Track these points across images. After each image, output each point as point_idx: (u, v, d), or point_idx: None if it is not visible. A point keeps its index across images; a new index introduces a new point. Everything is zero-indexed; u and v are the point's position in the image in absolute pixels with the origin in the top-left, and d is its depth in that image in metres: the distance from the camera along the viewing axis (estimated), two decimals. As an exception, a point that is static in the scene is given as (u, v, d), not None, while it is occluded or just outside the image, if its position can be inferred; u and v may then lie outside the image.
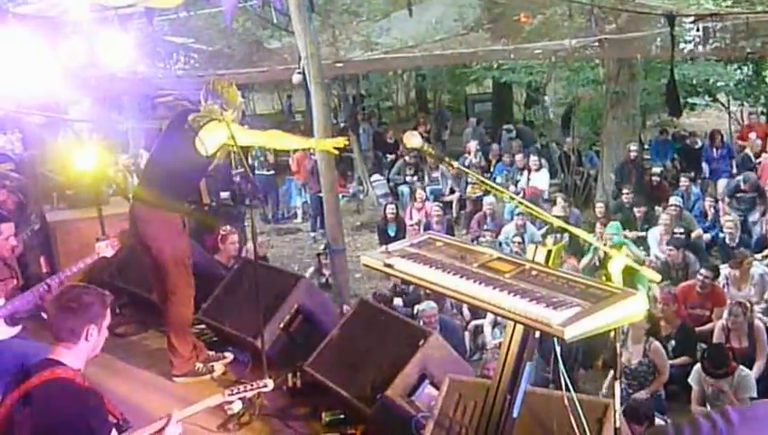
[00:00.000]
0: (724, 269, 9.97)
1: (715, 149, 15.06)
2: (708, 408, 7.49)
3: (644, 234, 12.18)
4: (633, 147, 14.49)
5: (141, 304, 6.69)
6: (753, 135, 14.60)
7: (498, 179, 15.52)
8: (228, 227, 8.39)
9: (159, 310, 5.52)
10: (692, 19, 10.43)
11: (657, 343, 8.21)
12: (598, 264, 10.21)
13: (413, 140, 3.46)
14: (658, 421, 6.78)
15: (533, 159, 15.27)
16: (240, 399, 3.85)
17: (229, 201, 11.76)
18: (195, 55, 12.27)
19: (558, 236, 11.08)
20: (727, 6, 10.51)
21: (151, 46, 11.05)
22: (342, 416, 4.79)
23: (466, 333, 9.53)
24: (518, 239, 11.34)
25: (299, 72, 8.07)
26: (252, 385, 3.77)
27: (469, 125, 20.16)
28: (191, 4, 10.49)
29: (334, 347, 5.10)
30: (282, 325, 5.54)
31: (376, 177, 16.38)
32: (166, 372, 5.46)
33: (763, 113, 19.11)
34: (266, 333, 5.12)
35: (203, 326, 6.14)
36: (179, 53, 12.02)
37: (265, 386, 3.80)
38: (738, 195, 12.70)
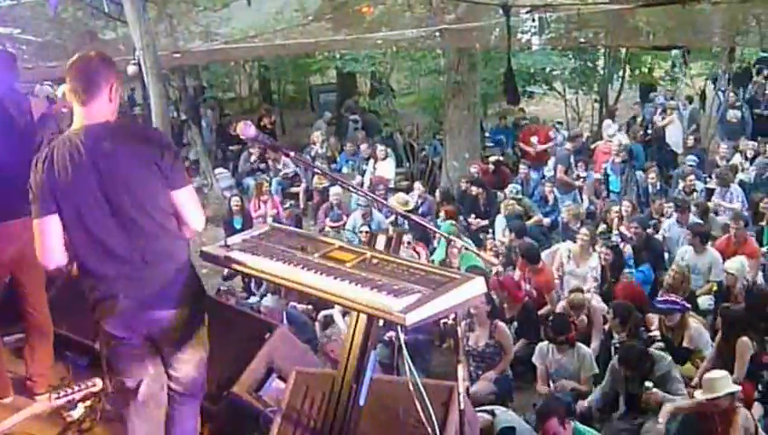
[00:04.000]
0: (566, 244, 10.37)
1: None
2: (552, 386, 7.78)
3: (485, 223, 12.57)
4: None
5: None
6: (534, 139, 15.18)
7: (344, 169, 15.59)
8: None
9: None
10: (527, 10, 10.75)
11: (501, 324, 8.44)
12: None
13: (246, 129, 3.33)
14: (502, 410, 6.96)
15: (379, 148, 15.41)
16: (80, 404, 3.69)
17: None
18: (23, 47, 11.66)
19: (403, 223, 11.26)
20: (561, -3, 10.90)
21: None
22: (189, 415, 4.66)
23: (317, 324, 9.52)
24: (365, 229, 11.42)
25: (134, 64, 7.81)
26: (80, 386, 3.61)
27: (317, 116, 20.17)
28: (14, -8, 9.99)
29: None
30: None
31: (220, 170, 16.10)
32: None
33: (596, 100, 20.03)
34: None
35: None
36: (5, 44, 11.39)
37: (94, 386, 3.65)
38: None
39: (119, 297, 3.42)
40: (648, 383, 6.91)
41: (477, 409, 6.20)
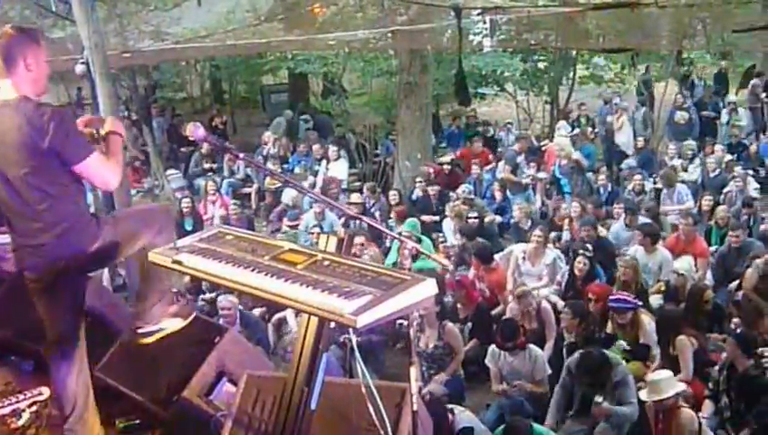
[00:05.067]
0: (520, 246, 10.41)
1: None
2: (505, 386, 7.80)
3: (437, 219, 12.61)
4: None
5: None
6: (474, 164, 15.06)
7: (296, 170, 15.53)
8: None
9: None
10: (478, 12, 10.80)
11: (450, 325, 8.44)
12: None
13: (196, 131, 3.35)
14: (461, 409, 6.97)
15: (332, 148, 15.36)
16: (27, 411, 3.61)
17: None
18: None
19: (356, 224, 11.23)
20: (511, 0, 10.95)
21: None
22: (138, 421, 4.59)
23: (270, 326, 9.42)
24: (317, 230, 11.36)
25: (82, 63, 7.64)
26: (25, 395, 3.54)
27: (269, 116, 20.07)
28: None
29: (126, 349, 4.87)
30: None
31: (171, 171, 15.91)
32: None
33: (547, 102, 20.23)
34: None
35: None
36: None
37: (40, 394, 3.58)
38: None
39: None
40: (598, 398, 6.93)
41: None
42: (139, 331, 4.35)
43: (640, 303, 8.37)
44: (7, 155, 3.59)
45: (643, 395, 6.75)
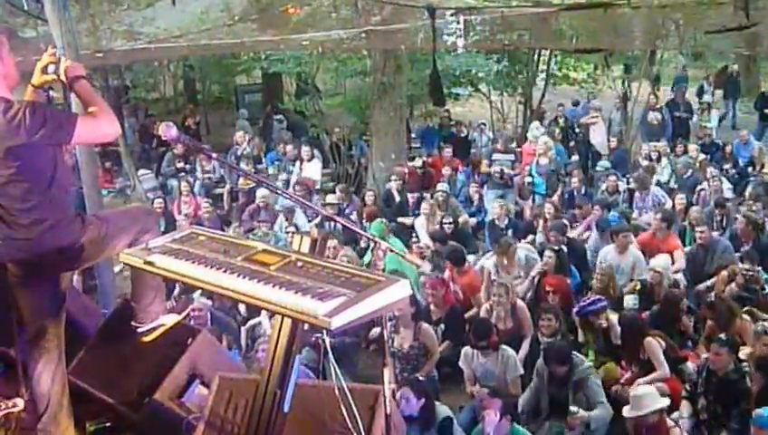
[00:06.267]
0: (491, 258, 10.42)
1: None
2: (478, 388, 7.80)
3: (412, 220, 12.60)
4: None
5: None
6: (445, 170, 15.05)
7: (270, 170, 15.48)
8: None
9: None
10: (452, 12, 10.79)
11: (426, 326, 8.46)
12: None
13: (168, 131, 3.34)
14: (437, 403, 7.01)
15: (305, 149, 15.32)
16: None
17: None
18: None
19: (329, 225, 11.21)
20: (485, 1, 10.96)
21: None
22: (108, 424, 4.54)
23: (243, 329, 9.38)
24: (292, 229, 11.32)
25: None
26: (0, 406, 3.49)
27: (239, 116, 19.98)
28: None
29: (96, 351, 4.82)
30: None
31: (144, 171, 15.80)
32: None
33: (520, 102, 20.32)
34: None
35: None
36: None
37: (15, 406, 3.54)
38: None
39: None
40: (573, 408, 6.98)
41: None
42: (139, 329, 4.38)
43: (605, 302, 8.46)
44: None
45: (625, 411, 6.78)
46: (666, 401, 6.69)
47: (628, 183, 13.11)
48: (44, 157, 3.65)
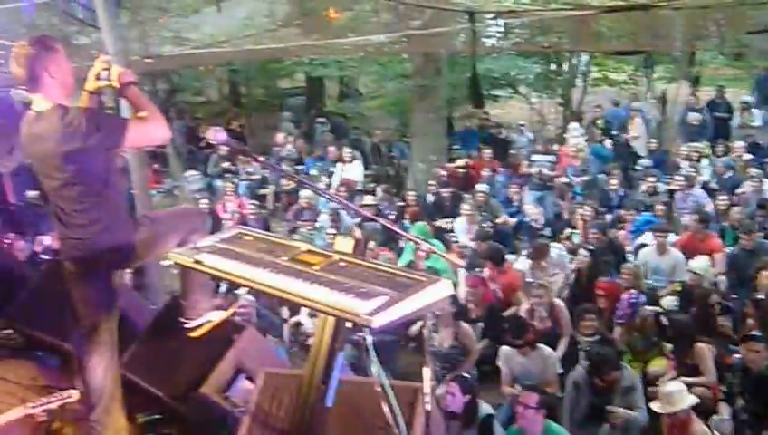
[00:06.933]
0: (527, 262, 10.40)
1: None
2: (518, 387, 7.78)
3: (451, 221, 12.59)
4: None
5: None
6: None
7: (312, 171, 15.57)
8: (12, 235, 7.99)
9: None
10: (492, 16, 10.78)
11: (465, 326, 8.48)
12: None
13: (216, 135, 3.43)
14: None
15: (347, 150, 15.39)
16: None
17: (38, 200, 11.11)
18: (1, 52, 11.52)
19: (369, 225, 11.25)
20: (524, 4, 10.93)
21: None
22: (157, 416, 4.64)
23: (286, 326, 9.47)
24: (333, 230, 11.39)
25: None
26: (56, 397, 3.59)
27: (283, 118, 20.11)
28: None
29: (146, 346, 4.93)
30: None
31: (191, 172, 15.98)
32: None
33: (559, 104, 20.19)
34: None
35: (9, 331, 5.80)
36: (-18, 49, 11.28)
37: (70, 397, 3.63)
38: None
39: None
40: (612, 408, 6.93)
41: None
42: (187, 325, 4.50)
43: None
44: (49, 163, 3.78)
45: (655, 406, 6.72)
46: (694, 399, 6.60)
47: (667, 184, 12.96)
48: (98, 160, 3.77)
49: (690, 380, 7.32)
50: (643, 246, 10.41)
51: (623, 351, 8.23)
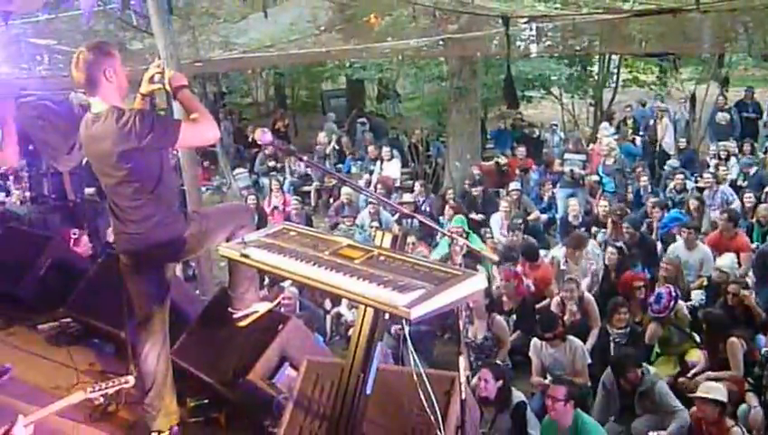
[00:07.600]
0: (561, 250, 10.34)
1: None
2: (548, 378, 7.73)
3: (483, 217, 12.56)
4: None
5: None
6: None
7: (352, 169, 15.63)
8: (77, 231, 8.12)
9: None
10: (525, 20, 10.72)
11: (499, 318, 8.46)
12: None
13: (263, 136, 3.48)
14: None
15: (385, 149, 15.43)
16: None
17: (95, 197, 11.26)
18: (59, 56, 11.70)
19: (408, 221, 11.26)
20: (557, 8, 10.85)
21: (15, 48, 10.51)
22: (206, 401, 4.68)
23: (328, 317, 9.53)
24: (375, 224, 11.41)
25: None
26: (113, 382, 3.64)
27: (327, 119, 20.19)
28: (53, 7, 10.01)
29: (196, 335, 4.99)
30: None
31: (239, 170, 16.13)
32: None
33: (591, 104, 20.04)
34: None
35: (69, 320, 5.91)
36: (43, 55, 11.49)
37: (126, 383, 3.68)
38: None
39: None
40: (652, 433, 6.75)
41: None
42: (235, 316, 4.53)
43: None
44: (106, 162, 3.83)
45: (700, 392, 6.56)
46: (725, 397, 6.48)
47: (696, 182, 12.79)
48: (152, 159, 3.82)
49: (718, 374, 7.25)
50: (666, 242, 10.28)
51: (651, 345, 8.13)
